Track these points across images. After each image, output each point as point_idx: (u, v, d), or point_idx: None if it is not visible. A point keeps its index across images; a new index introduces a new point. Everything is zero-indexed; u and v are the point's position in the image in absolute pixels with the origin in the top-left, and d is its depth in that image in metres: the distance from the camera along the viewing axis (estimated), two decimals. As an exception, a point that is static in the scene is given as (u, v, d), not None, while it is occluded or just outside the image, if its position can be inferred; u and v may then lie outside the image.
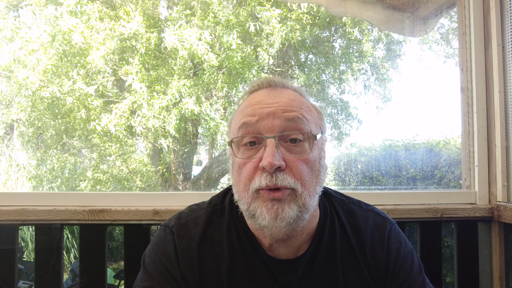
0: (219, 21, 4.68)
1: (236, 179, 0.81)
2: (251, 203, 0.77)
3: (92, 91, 4.68)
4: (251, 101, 0.83)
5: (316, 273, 0.85)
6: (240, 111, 0.83)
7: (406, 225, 1.79)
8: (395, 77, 6.39)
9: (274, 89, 0.84)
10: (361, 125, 6.15)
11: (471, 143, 1.69)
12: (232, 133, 0.85)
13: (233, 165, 0.84)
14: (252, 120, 0.78)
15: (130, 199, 1.49)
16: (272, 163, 0.73)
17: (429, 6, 2.01)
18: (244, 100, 0.86)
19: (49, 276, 1.42)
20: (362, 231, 0.90)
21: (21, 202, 1.43)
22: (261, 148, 0.78)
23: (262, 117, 0.77)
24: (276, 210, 0.74)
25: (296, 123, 0.78)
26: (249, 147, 0.79)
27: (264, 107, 0.79)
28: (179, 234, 0.87)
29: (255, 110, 0.79)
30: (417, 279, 0.89)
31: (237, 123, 0.82)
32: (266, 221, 0.75)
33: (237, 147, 0.81)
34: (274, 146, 0.75)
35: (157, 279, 0.83)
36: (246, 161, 0.79)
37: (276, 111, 0.78)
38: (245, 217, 0.85)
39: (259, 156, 0.77)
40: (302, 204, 0.76)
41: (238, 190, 0.81)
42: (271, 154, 0.74)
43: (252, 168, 0.77)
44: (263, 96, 0.82)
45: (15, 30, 4.81)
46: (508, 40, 1.60)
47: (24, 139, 5.30)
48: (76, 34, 4.49)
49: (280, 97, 0.81)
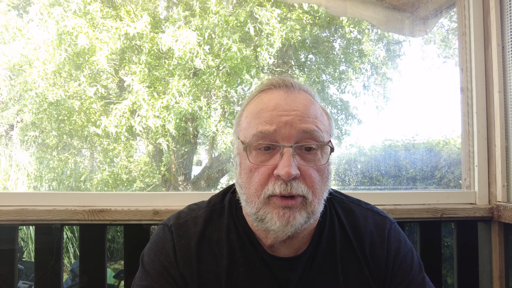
0: (217, 23, 4.68)
1: (246, 181, 0.80)
2: (261, 208, 0.77)
3: (91, 93, 4.67)
4: (267, 103, 0.81)
5: (316, 272, 0.85)
6: (256, 113, 0.81)
7: (406, 225, 1.80)
8: (395, 77, 6.40)
9: (290, 92, 0.82)
10: (361, 125, 6.16)
11: (471, 143, 1.69)
12: (243, 134, 0.83)
13: (241, 165, 0.83)
14: (270, 130, 0.77)
15: (130, 199, 1.49)
16: (289, 173, 0.73)
17: (429, 6, 2.01)
18: (257, 98, 0.85)
19: (49, 276, 1.42)
20: (361, 230, 0.90)
21: (21, 202, 1.43)
22: (276, 154, 0.78)
23: (280, 126, 0.77)
24: (288, 218, 0.75)
25: (312, 134, 0.78)
26: (262, 152, 0.79)
27: (281, 114, 0.78)
28: (178, 233, 0.87)
29: (273, 118, 0.78)
30: (417, 277, 0.89)
31: (251, 127, 0.80)
32: (276, 226, 0.76)
33: (248, 149, 0.80)
34: (291, 155, 0.75)
35: (155, 278, 0.83)
36: (258, 166, 0.78)
37: (293, 120, 0.77)
38: (249, 218, 0.85)
39: (273, 163, 0.77)
40: (311, 211, 0.78)
41: (247, 193, 0.80)
42: (289, 164, 0.74)
43: (265, 174, 0.77)
44: (280, 100, 0.81)
45: (19, 29, 4.81)
46: (508, 40, 1.60)
47: (25, 139, 5.30)
48: (81, 34, 4.49)
49: (296, 103, 0.80)
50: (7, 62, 4.70)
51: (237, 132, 0.87)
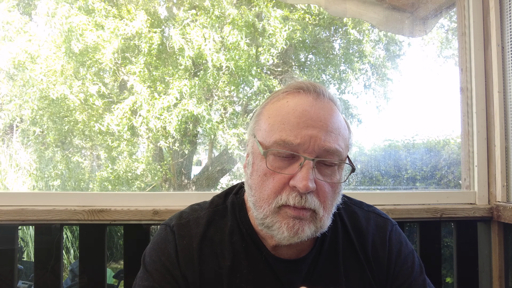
0: (224, 20, 4.68)
1: (258, 185, 0.79)
2: (270, 216, 0.76)
3: (94, 91, 4.68)
4: (295, 108, 0.77)
5: (319, 273, 0.85)
6: (280, 117, 0.78)
7: (406, 225, 1.80)
8: (395, 77, 6.40)
9: (320, 100, 0.79)
10: (361, 125, 6.17)
11: (470, 143, 1.70)
12: (262, 135, 0.80)
13: (253, 165, 0.81)
14: (294, 142, 0.74)
15: (129, 199, 1.49)
16: (307, 186, 0.72)
17: (429, 6, 2.01)
18: (283, 99, 0.81)
19: (48, 276, 1.42)
20: (363, 232, 0.90)
21: (20, 202, 1.43)
22: (294, 163, 0.75)
23: (304, 141, 0.74)
24: (297, 229, 0.75)
25: (333, 154, 0.77)
26: (281, 158, 0.76)
27: (308, 124, 0.75)
28: (180, 234, 0.87)
29: (299, 130, 0.75)
30: (418, 279, 0.89)
31: (274, 131, 0.77)
32: (283, 236, 0.75)
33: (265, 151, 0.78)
34: (310, 168, 0.73)
35: (157, 279, 0.83)
36: (275, 172, 0.76)
37: (318, 135, 0.75)
38: (255, 222, 0.83)
39: (291, 172, 0.75)
40: (320, 226, 0.78)
41: (256, 195, 0.79)
42: (307, 177, 0.72)
43: (281, 182, 0.75)
44: (308, 106, 0.77)
45: (23, 27, 4.81)
46: (508, 40, 1.61)
47: (26, 139, 5.30)
48: (87, 32, 4.49)
49: (324, 113, 0.78)
50: (11, 59, 4.69)
51: (254, 130, 0.83)
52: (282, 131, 0.76)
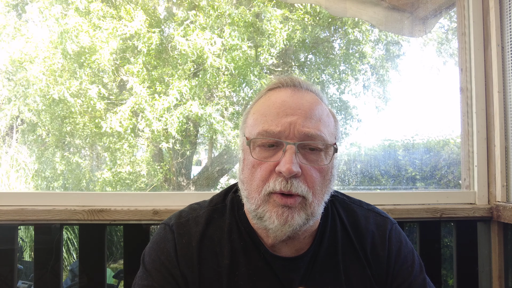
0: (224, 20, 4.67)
1: (248, 177, 0.81)
2: (261, 205, 0.78)
3: (94, 93, 4.67)
4: (274, 101, 0.82)
5: (318, 272, 0.85)
6: (262, 111, 0.82)
7: (406, 225, 1.80)
8: (395, 77, 6.40)
9: (297, 91, 0.83)
10: (361, 125, 6.16)
11: (470, 143, 1.69)
12: (249, 130, 0.84)
13: (244, 162, 0.83)
14: (275, 131, 0.78)
15: (129, 199, 1.48)
16: (290, 169, 0.74)
17: (429, 6, 2.01)
18: (265, 96, 0.86)
19: (48, 276, 1.42)
20: (363, 231, 0.90)
21: (20, 202, 1.43)
22: (279, 151, 0.78)
23: (285, 127, 0.77)
24: (286, 217, 0.76)
25: (315, 139, 0.78)
26: (266, 148, 0.79)
27: (287, 113, 0.79)
28: (179, 233, 0.87)
29: (279, 119, 0.78)
30: (418, 278, 0.89)
31: (257, 124, 0.81)
32: (274, 225, 0.76)
33: (252, 145, 0.81)
34: (293, 152, 0.76)
35: (156, 278, 0.83)
36: (261, 162, 0.79)
37: (297, 121, 0.78)
38: (250, 216, 0.85)
39: (276, 160, 0.77)
40: (310, 213, 0.78)
41: (248, 188, 0.81)
42: (290, 160, 0.74)
43: (267, 170, 0.78)
44: (286, 97, 0.82)
45: (19, 28, 4.80)
46: (508, 40, 1.61)
47: (26, 139, 5.30)
48: (82, 33, 4.49)
49: (302, 101, 0.81)
50: (8, 58, 4.69)
51: (243, 129, 0.87)
52: (264, 122, 0.79)
